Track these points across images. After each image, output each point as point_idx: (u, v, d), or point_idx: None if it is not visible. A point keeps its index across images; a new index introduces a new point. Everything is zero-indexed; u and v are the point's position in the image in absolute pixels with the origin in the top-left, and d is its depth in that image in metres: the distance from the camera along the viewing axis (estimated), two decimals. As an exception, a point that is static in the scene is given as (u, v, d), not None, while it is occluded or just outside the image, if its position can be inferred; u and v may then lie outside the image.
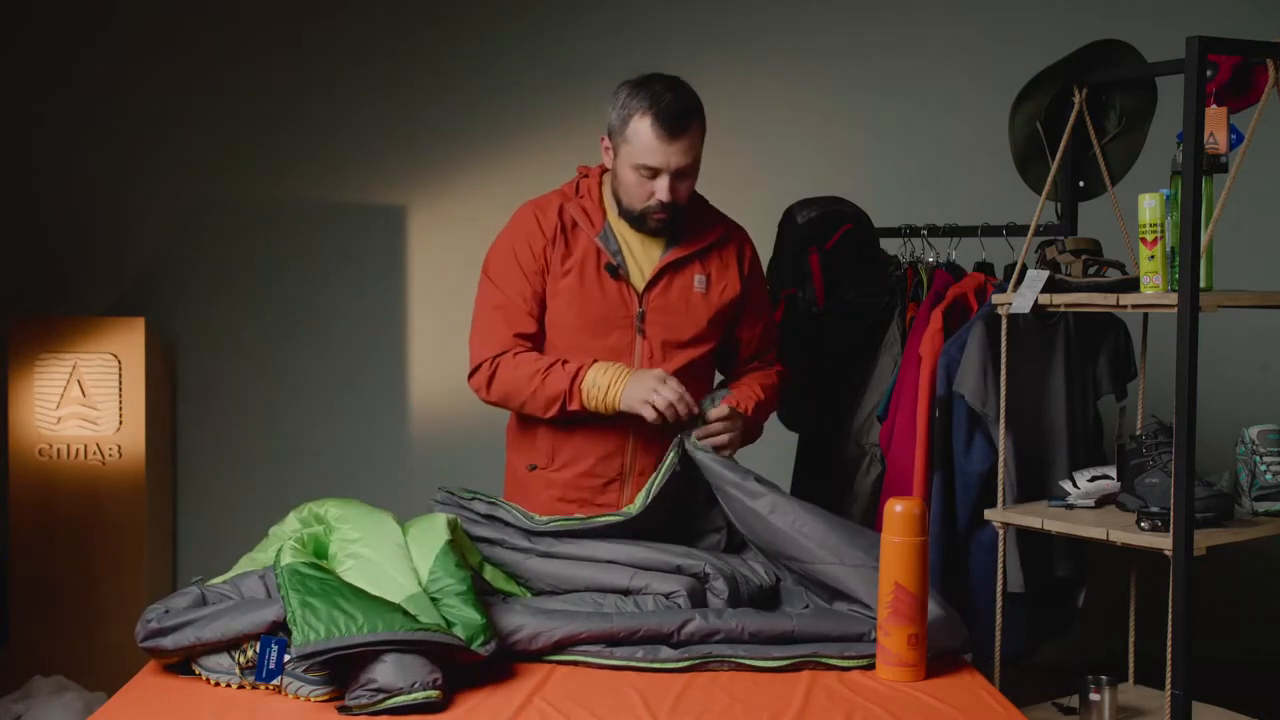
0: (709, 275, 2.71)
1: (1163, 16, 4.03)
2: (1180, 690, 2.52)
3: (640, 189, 2.61)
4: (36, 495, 4.09)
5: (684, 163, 2.58)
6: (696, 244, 2.70)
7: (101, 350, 4.10)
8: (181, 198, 4.49)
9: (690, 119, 2.58)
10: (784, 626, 2.19)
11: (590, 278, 2.66)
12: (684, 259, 2.69)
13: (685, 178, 2.62)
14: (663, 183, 2.58)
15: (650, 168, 2.58)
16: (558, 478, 2.70)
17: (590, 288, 2.66)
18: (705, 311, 2.70)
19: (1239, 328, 3.80)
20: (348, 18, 4.50)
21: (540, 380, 2.60)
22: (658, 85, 2.59)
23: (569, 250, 2.67)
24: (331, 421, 4.49)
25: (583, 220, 2.68)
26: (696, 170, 2.64)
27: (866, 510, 3.17)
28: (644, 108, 2.56)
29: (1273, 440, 2.79)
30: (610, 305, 2.66)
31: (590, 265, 2.67)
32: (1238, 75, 2.71)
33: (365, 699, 1.91)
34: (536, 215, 2.70)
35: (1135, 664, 3.09)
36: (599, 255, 2.67)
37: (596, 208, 2.70)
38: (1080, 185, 3.11)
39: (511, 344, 2.66)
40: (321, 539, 2.24)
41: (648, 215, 2.63)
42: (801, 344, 3.29)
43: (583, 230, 2.68)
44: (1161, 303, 2.57)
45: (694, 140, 2.59)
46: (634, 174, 2.60)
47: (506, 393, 2.66)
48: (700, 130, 2.61)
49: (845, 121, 4.44)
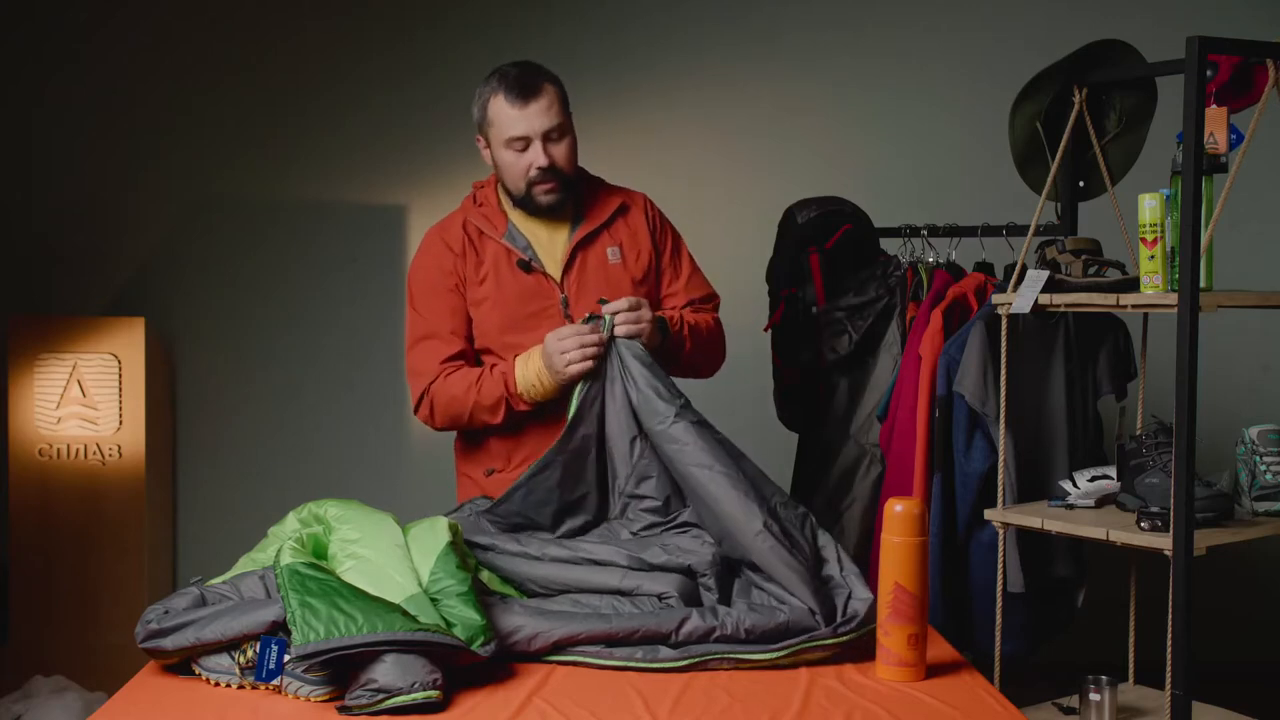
0: (620, 245, 2.74)
1: (1163, 16, 4.03)
2: (1180, 690, 2.52)
3: (518, 165, 2.65)
4: (36, 495, 4.08)
5: (547, 124, 2.62)
6: (600, 218, 2.74)
7: (101, 350, 4.10)
8: (181, 198, 4.49)
9: (538, 81, 2.63)
10: (779, 620, 2.20)
11: (506, 278, 2.69)
12: (590, 235, 2.72)
13: (556, 141, 2.64)
14: (535, 148, 2.62)
15: (517, 138, 2.63)
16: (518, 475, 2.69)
17: (508, 288, 2.68)
18: (625, 281, 2.71)
19: (1239, 328, 3.80)
20: (348, 18, 4.50)
21: (475, 393, 2.63)
22: (503, 66, 2.68)
23: (480, 259, 2.71)
24: (331, 421, 4.49)
25: (486, 227, 2.71)
26: (567, 134, 2.66)
27: (866, 510, 3.18)
28: (494, 88, 2.64)
29: (1273, 440, 2.79)
30: (531, 299, 2.67)
31: (503, 267, 2.69)
32: (1238, 75, 2.71)
33: (365, 699, 1.91)
34: (440, 236, 2.75)
35: (1135, 664, 3.09)
36: (509, 255, 2.69)
37: (496, 212, 2.74)
38: (1080, 185, 3.11)
39: (439, 369, 2.68)
40: (321, 539, 2.24)
41: (534, 191, 2.66)
42: (801, 344, 3.29)
43: (488, 237, 2.71)
44: (1161, 303, 2.57)
45: (550, 102, 2.63)
46: (508, 153, 2.65)
47: (451, 414, 2.68)
48: (556, 93, 2.65)
49: (845, 121, 4.44)
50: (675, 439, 2.41)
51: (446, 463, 2.75)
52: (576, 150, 2.70)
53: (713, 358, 2.82)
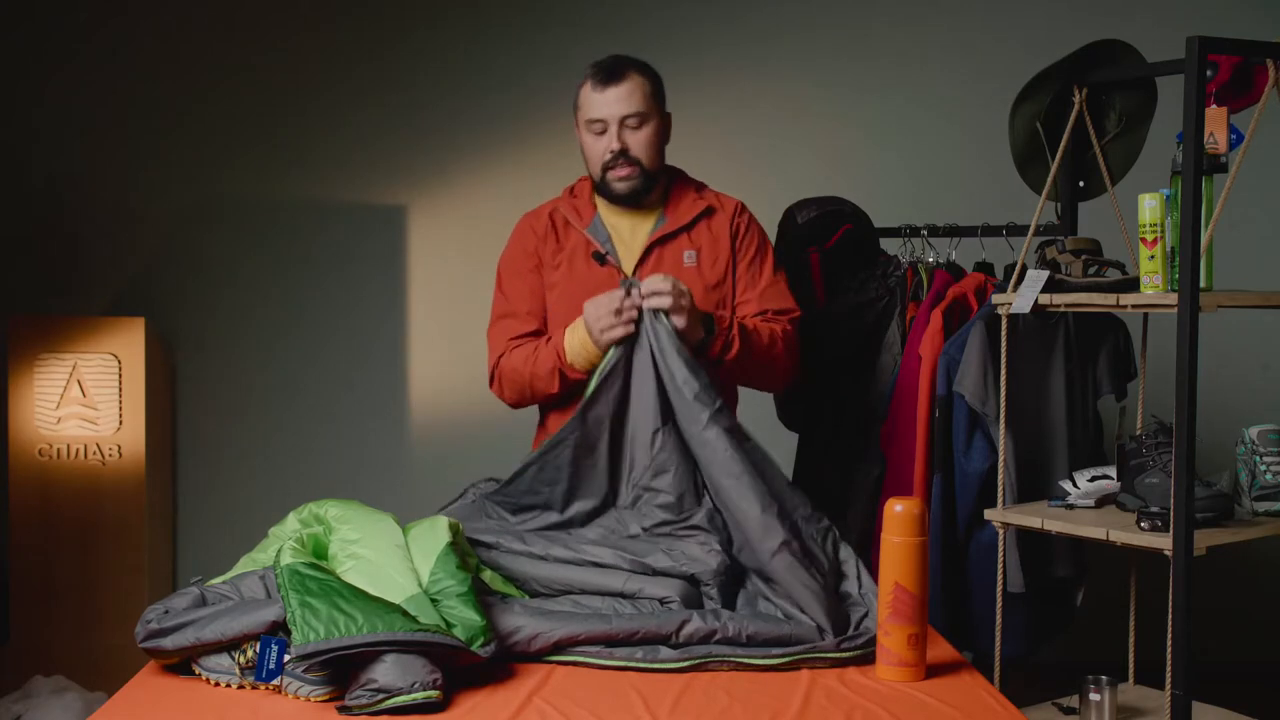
0: (699, 250, 2.75)
1: (1163, 16, 4.03)
2: (1180, 690, 2.52)
3: (596, 148, 2.71)
4: (36, 495, 4.08)
5: (626, 110, 2.68)
6: (683, 219, 2.76)
7: (101, 350, 4.10)
8: (181, 198, 4.49)
9: (625, 68, 2.70)
10: (782, 630, 2.19)
11: (580, 268, 2.74)
12: (670, 235, 2.75)
13: (635, 129, 2.69)
14: (611, 132, 2.68)
15: (596, 120, 2.69)
16: None
17: (580, 277, 2.73)
18: (698, 286, 2.70)
19: (1239, 328, 3.80)
20: (348, 18, 4.50)
21: (533, 364, 2.69)
22: (600, 58, 2.74)
23: (560, 246, 2.77)
24: (331, 421, 4.49)
25: (573, 217, 2.78)
26: (651, 123, 2.71)
27: (866, 510, 3.17)
28: (586, 75, 2.73)
29: (1273, 440, 2.79)
30: (600, 290, 2.67)
31: (580, 256, 2.75)
32: (1238, 75, 2.71)
33: (365, 699, 1.91)
34: (529, 220, 2.84)
35: (1135, 664, 3.09)
36: (588, 246, 2.74)
37: (587, 204, 2.80)
38: (1080, 185, 3.11)
39: (508, 345, 2.75)
40: (321, 539, 2.24)
41: (609, 176, 2.71)
42: (801, 344, 3.29)
43: (573, 227, 2.77)
44: (1161, 303, 2.57)
45: (633, 89, 2.68)
46: (589, 136, 2.73)
47: (516, 386, 2.75)
48: (643, 81, 2.70)
49: (845, 121, 4.44)
50: (707, 443, 2.40)
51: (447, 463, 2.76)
52: (661, 142, 2.75)
53: (774, 368, 2.76)
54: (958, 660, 2.25)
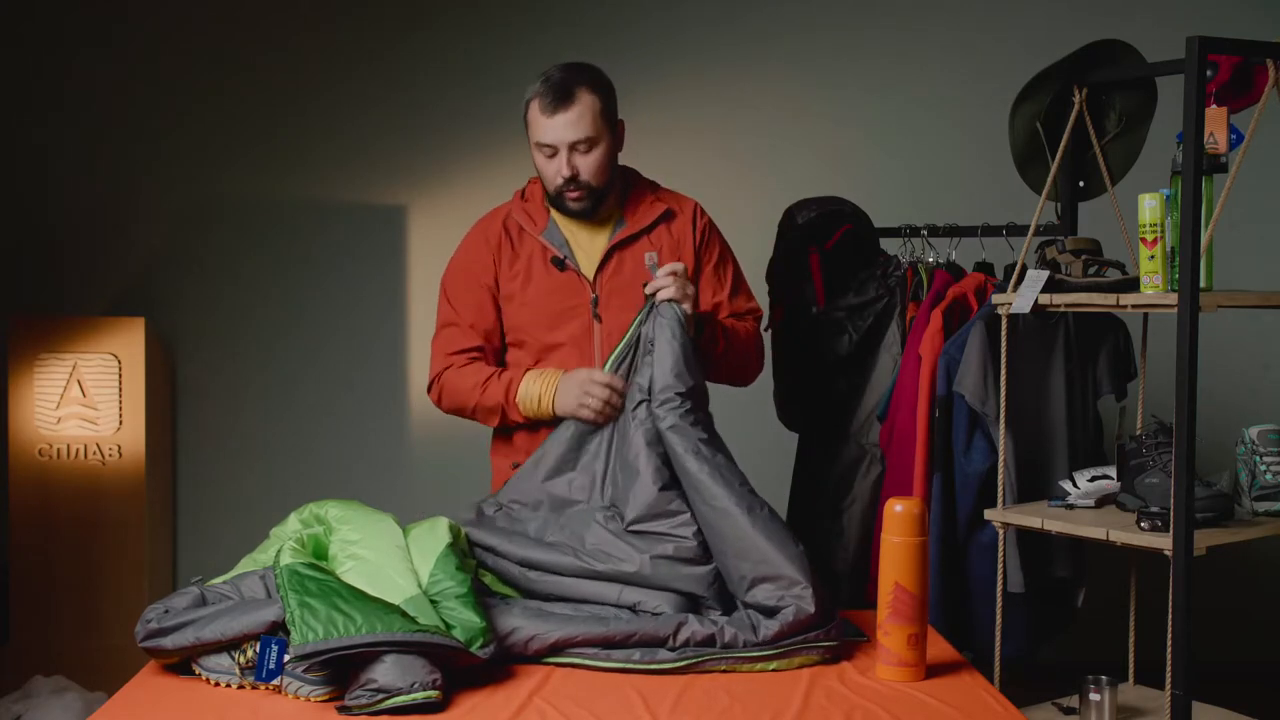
0: (658, 251, 2.71)
1: (1163, 16, 4.03)
2: (1180, 690, 2.52)
3: (548, 169, 2.65)
4: (36, 495, 4.08)
5: (575, 136, 2.60)
6: (642, 223, 2.72)
7: (101, 350, 4.10)
8: (182, 198, 4.49)
9: (573, 90, 2.60)
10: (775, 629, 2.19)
11: (539, 274, 2.69)
12: (629, 239, 2.71)
13: (584, 153, 2.62)
14: (561, 158, 2.61)
15: (546, 145, 2.62)
16: None
17: (539, 284, 2.69)
18: None
19: (1239, 328, 3.80)
20: (348, 18, 4.50)
21: (480, 393, 2.66)
22: (550, 69, 2.65)
23: (516, 253, 2.71)
24: (331, 421, 4.49)
25: (526, 223, 2.72)
26: (600, 144, 2.63)
27: (866, 510, 3.17)
28: (534, 91, 2.64)
29: (1273, 440, 2.79)
30: (562, 297, 2.67)
31: (538, 263, 2.70)
32: (1238, 75, 2.71)
33: (365, 699, 1.91)
34: (481, 229, 2.77)
35: (1135, 664, 3.09)
36: (545, 252, 2.70)
37: (540, 209, 2.74)
38: (1080, 185, 3.11)
39: (454, 359, 2.72)
40: (321, 540, 2.24)
41: (562, 196, 2.66)
42: (801, 344, 3.29)
43: (528, 233, 2.72)
44: (1161, 303, 2.57)
45: (583, 112, 2.59)
46: (539, 156, 2.66)
47: (456, 405, 2.73)
48: (593, 100, 2.61)
49: (845, 122, 4.44)
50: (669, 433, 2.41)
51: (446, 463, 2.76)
52: (613, 160, 2.69)
53: (749, 363, 2.82)
54: (958, 660, 2.25)
